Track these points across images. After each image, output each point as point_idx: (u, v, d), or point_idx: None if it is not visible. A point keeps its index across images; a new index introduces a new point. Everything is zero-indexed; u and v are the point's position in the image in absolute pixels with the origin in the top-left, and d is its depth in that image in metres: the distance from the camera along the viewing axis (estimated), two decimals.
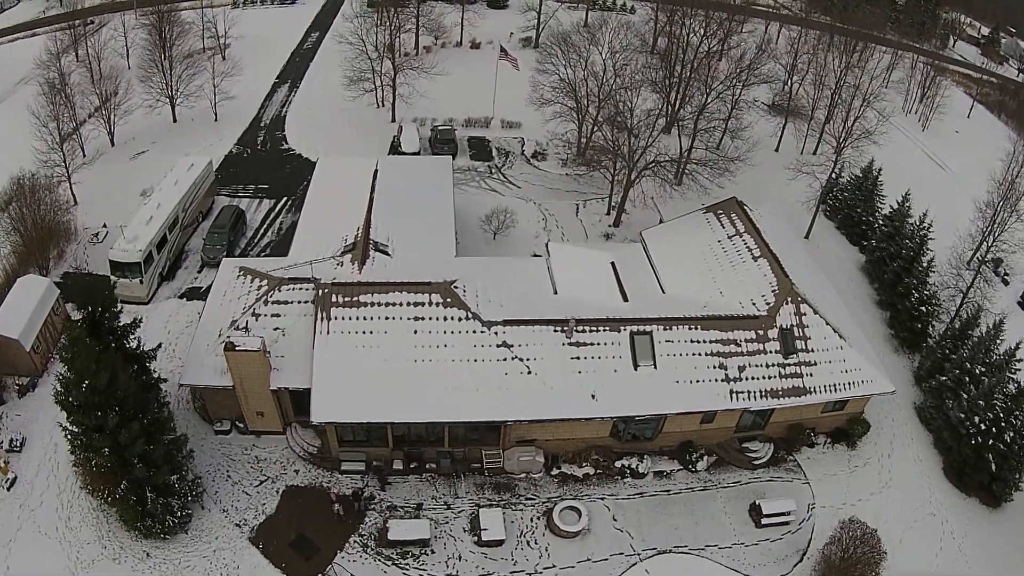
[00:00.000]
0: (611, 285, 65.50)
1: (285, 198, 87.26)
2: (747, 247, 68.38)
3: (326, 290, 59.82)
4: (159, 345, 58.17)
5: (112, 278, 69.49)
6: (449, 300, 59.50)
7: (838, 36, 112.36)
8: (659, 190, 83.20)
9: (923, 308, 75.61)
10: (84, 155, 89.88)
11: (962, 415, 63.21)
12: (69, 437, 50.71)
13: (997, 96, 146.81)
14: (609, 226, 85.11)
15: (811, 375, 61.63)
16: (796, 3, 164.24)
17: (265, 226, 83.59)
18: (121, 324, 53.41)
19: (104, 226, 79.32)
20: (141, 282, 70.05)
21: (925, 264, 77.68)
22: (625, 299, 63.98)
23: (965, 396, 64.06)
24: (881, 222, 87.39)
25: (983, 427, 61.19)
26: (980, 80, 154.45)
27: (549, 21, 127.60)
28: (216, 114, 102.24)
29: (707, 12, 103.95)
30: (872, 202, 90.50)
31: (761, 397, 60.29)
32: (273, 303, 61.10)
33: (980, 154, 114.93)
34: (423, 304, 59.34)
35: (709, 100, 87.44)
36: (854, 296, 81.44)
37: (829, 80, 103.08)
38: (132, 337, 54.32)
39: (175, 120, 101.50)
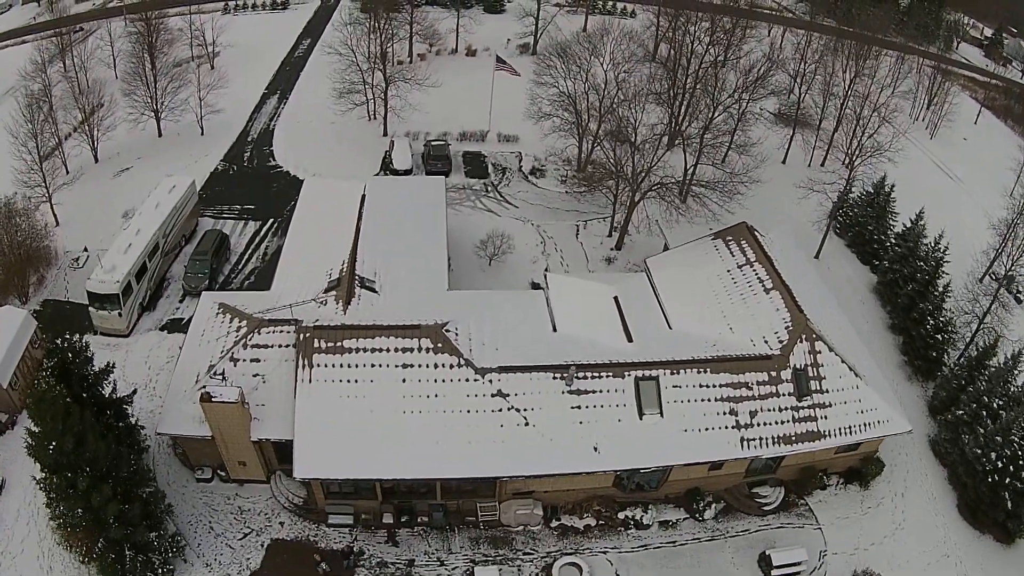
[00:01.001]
0: (614, 322, 61.09)
1: (271, 220, 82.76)
2: (758, 278, 63.95)
3: (307, 335, 55.13)
4: (134, 391, 55.69)
5: (91, 310, 66.07)
6: (440, 345, 54.90)
7: (845, 40, 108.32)
8: (664, 213, 78.12)
9: (939, 336, 71.59)
10: (67, 171, 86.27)
11: (978, 451, 59.53)
12: (43, 490, 47.70)
13: (1003, 100, 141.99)
14: (611, 249, 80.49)
15: (826, 417, 57.36)
16: (800, 4, 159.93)
17: (250, 250, 79.17)
18: (93, 371, 50.93)
19: (85, 250, 75.40)
20: (120, 315, 66.04)
21: (941, 289, 73.74)
22: (629, 339, 59.51)
23: (981, 431, 60.46)
24: (893, 240, 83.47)
25: (1000, 464, 57.88)
26: (986, 84, 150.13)
27: (547, 27, 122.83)
28: (202, 128, 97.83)
29: (712, 19, 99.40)
30: (884, 219, 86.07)
31: (773, 444, 55.99)
32: (252, 347, 56.57)
33: (989, 162, 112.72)
34: (412, 350, 54.69)
35: (716, 115, 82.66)
36: (866, 320, 77.56)
37: (837, 89, 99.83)
38: (107, 382, 52.01)
39: (160, 134, 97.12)
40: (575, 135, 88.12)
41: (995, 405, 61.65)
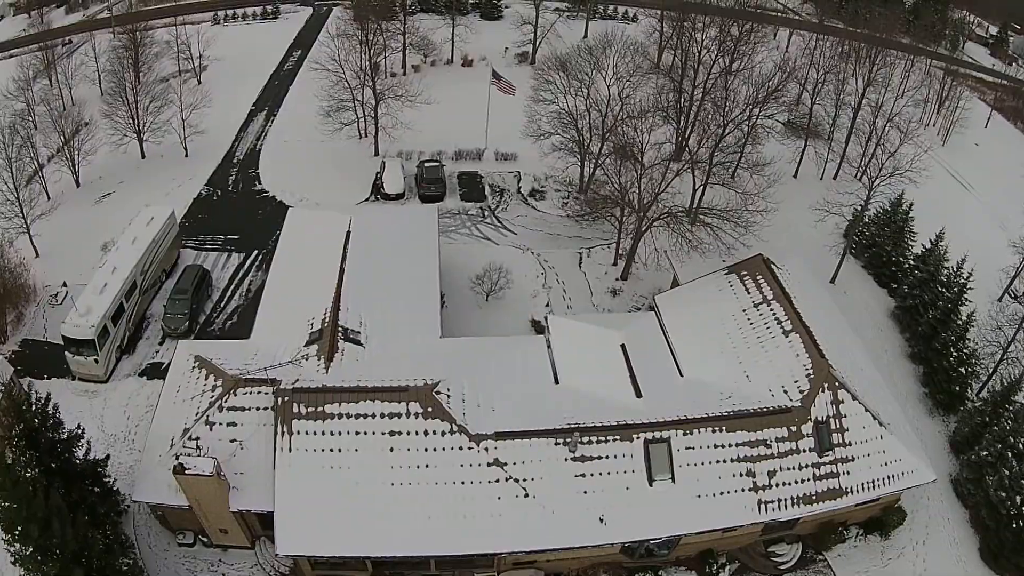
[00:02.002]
0: (621, 374, 56.15)
1: (256, 251, 77.85)
2: (776, 318, 58.94)
3: (286, 398, 50.00)
4: (107, 456, 51.39)
5: (66, 354, 61.84)
6: (430, 410, 49.68)
7: (855, 43, 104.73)
8: (673, 243, 71.83)
9: (962, 370, 67.26)
10: (48, 197, 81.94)
11: (1003, 494, 55.28)
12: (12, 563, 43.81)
13: (1012, 102, 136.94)
14: (616, 279, 75.44)
15: (848, 472, 52.44)
16: (806, 5, 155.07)
17: (233, 286, 74.32)
18: (63, 437, 47.47)
19: (64, 285, 70.50)
20: (96, 361, 61.22)
21: (965, 318, 69.16)
22: (638, 393, 54.58)
23: (1006, 472, 56.06)
24: (912, 261, 79.15)
25: None
26: (995, 85, 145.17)
27: (547, 34, 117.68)
28: (186, 150, 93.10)
29: (720, 26, 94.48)
30: (902, 239, 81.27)
31: (793, 504, 51.04)
32: (229, 409, 51.46)
33: (1002, 169, 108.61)
34: (400, 415, 49.45)
35: (726, 132, 77.80)
36: (885, 350, 73.21)
37: (849, 98, 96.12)
38: (79, 445, 48.47)
39: (143, 156, 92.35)
40: (576, 154, 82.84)
41: (1021, 445, 57.16)
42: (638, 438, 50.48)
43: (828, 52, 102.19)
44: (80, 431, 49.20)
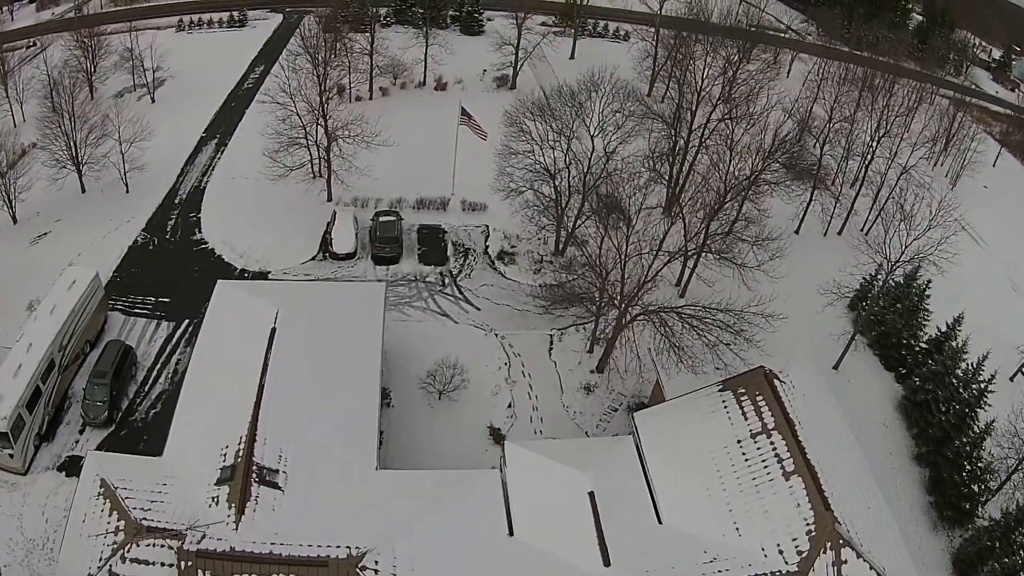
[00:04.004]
0: (588, 533, 45.10)
1: (186, 321, 66.67)
2: (776, 455, 47.92)
3: (189, 562, 39.94)
4: None
5: None
6: None
7: (866, 78, 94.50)
8: (657, 345, 59.19)
9: (974, 487, 59.06)
10: None
11: None
12: None
13: (1018, 135, 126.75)
14: (592, 371, 64.28)
15: None
16: (805, 24, 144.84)
17: (159, 364, 63.43)
18: None
19: None
20: (11, 455, 52.42)
21: (983, 426, 60.60)
22: (606, 560, 43.69)
23: None
24: (925, 345, 70.32)
25: None
26: (999, 115, 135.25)
27: (531, 55, 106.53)
28: (127, 185, 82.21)
29: (724, 55, 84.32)
30: (915, 318, 71.68)
31: None
32: (132, 561, 41.42)
33: (1014, 217, 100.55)
34: None
35: (726, 200, 66.84)
36: (889, 452, 64.09)
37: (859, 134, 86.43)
38: None
39: (83, 190, 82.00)
40: (552, 215, 71.77)
41: None
42: None
43: (836, 88, 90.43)
44: None
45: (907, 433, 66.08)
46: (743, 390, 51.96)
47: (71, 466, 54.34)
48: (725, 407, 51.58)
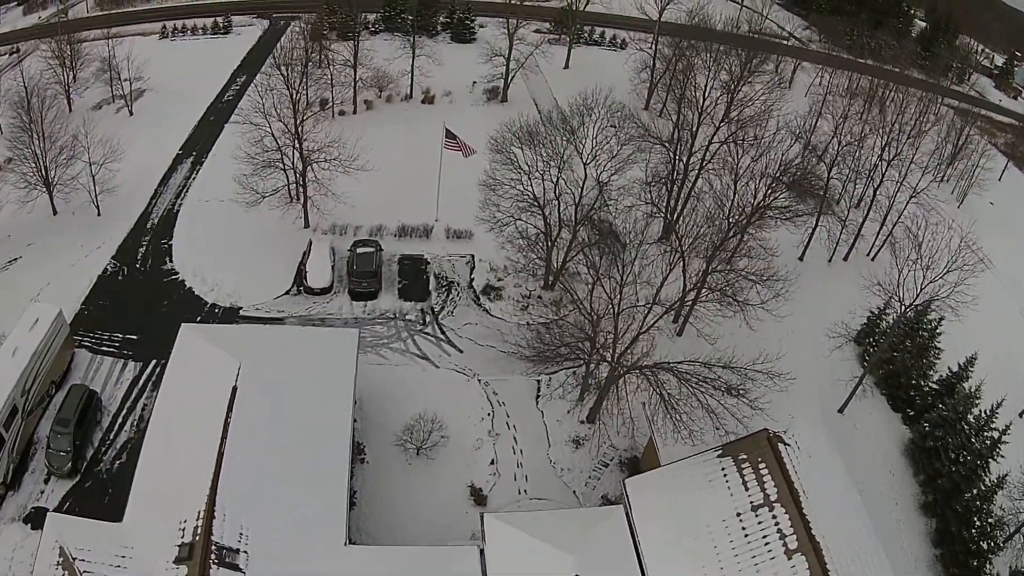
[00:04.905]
0: None
1: (153, 361, 61.81)
2: (779, 531, 43.57)
3: None
4: None
5: None
6: None
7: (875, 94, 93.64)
8: (652, 399, 53.76)
9: (983, 544, 54.65)
10: None
11: None
12: None
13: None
14: (582, 422, 59.41)
15: None
16: (808, 31, 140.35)
17: (125, 409, 58.82)
18: None
19: None
20: None
21: (995, 479, 56.78)
22: None
23: None
24: (935, 385, 65.92)
25: None
26: (1003, 125, 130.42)
27: (524, 66, 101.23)
28: (98, 208, 77.35)
29: (730, 68, 79.91)
30: (926, 357, 67.07)
31: None
32: None
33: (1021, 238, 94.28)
34: None
35: (730, 234, 62.70)
36: (895, 503, 59.95)
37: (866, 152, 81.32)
38: None
39: (55, 212, 77.26)
40: (541, 247, 67.06)
41: None
42: None
43: (844, 105, 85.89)
44: None
45: (914, 480, 61.85)
46: (744, 456, 47.53)
47: (36, 518, 50.10)
48: (725, 475, 47.14)
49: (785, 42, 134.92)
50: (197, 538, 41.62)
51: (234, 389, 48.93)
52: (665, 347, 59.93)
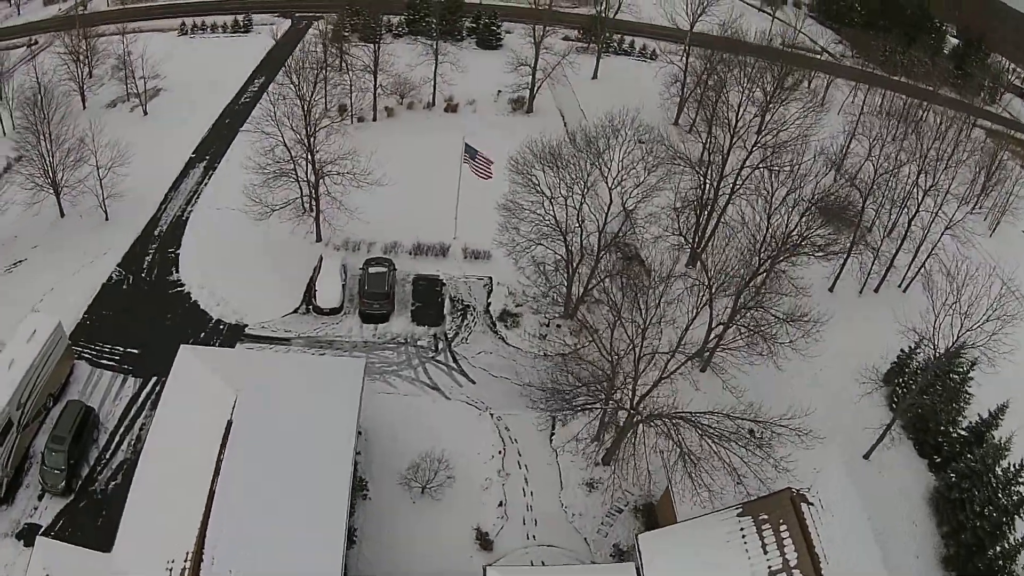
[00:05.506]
0: None
1: (154, 378, 59.42)
2: None
3: None
4: None
5: None
6: None
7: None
8: (669, 453, 50.49)
9: None
10: None
11: None
12: None
13: None
14: (597, 464, 56.29)
15: None
16: (840, 46, 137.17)
17: (123, 427, 56.67)
18: None
19: None
20: None
21: (1020, 539, 53.82)
22: None
23: None
24: (964, 432, 62.56)
25: None
26: None
27: (551, 74, 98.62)
28: (106, 212, 75.26)
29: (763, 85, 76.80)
30: (956, 403, 63.74)
31: None
32: None
33: None
34: None
35: (760, 270, 60.08)
36: (916, 556, 56.87)
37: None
38: None
39: (62, 214, 75.16)
40: (563, 273, 64.44)
41: None
42: None
43: (881, 131, 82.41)
44: None
45: (937, 531, 58.88)
46: (765, 516, 44.72)
47: (29, 535, 48.76)
48: (743, 536, 44.31)
49: (818, 56, 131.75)
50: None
51: (229, 423, 46.32)
52: (687, 393, 56.68)
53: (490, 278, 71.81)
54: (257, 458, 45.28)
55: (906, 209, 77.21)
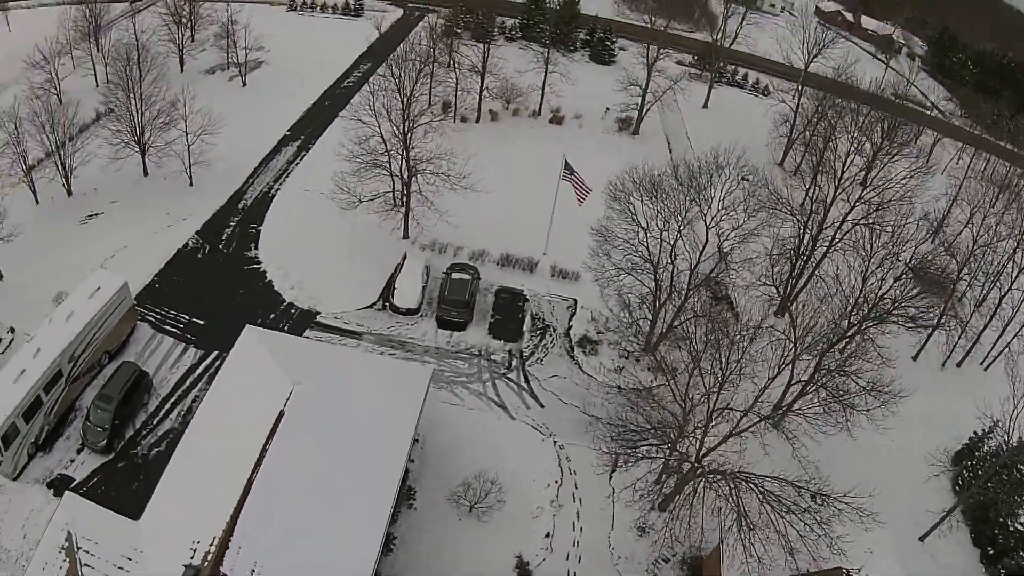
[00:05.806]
0: None
1: (216, 352, 58.12)
2: None
3: None
4: None
5: None
6: None
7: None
8: (728, 508, 46.60)
9: None
10: (37, 202, 69.79)
11: None
12: None
13: None
14: (651, 509, 53.28)
15: None
16: (950, 103, 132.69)
17: (176, 396, 55.42)
18: None
19: (11, 331, 56.51)
20: (0, 462, 47.53)
21: None
22: None
23: None
24: (1022, 528, 57.28)
25: None
26: None
27: (661, 98, 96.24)
28: (191, 178, 74.69)
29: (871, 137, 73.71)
30: (1018, 495, 58.87)
31: None
32: None
33: None
34: None
35: (850, 333, 56.88)
36: None
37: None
38: None
39: (146, 173, 75.44)
40: (648, 307, 61.74)
41: None
42: None
43: (987, 202, 78.76)
44: None
45: None
46: None
47: (60, 485, 48.24)
48: None
49: (927, 111, 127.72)
50: (206, 564, 38.38)
51: (281, 414, 44.52)
52: (754, 453, 53.79)
53: (575, 300, 69.27)
54: (303, 454, 43.62)
55: (999, 284, 73.33)
